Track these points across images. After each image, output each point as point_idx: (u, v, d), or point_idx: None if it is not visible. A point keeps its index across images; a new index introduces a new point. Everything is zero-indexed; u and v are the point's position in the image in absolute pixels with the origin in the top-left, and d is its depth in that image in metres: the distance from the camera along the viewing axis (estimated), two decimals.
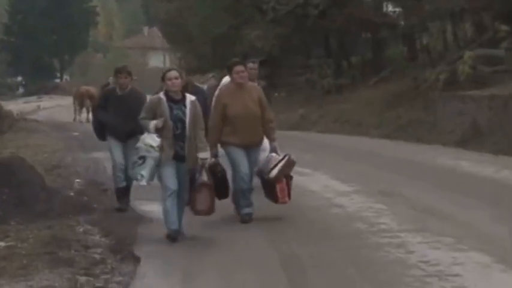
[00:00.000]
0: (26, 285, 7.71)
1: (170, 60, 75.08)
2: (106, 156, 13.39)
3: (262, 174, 10.39)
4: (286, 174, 10.27)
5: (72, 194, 13.74)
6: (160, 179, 9.42)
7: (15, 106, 41.46)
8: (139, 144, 9.31)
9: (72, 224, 10.68)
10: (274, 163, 10.19)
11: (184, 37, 43.97)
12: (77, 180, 15.20)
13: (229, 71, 10.53)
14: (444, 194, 12.13)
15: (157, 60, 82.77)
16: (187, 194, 9.56)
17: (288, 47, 32.50)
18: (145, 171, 9.22)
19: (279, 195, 10.16)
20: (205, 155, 9.54)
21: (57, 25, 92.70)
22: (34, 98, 63.62)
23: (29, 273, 8.11)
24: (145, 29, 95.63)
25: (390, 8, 34.86)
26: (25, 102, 50.24)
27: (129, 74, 11.70)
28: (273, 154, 10.34)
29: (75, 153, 21.35)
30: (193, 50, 41.80)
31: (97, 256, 8.79)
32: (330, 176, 13.30)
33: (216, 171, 10.03)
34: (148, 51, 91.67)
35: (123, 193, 11.63)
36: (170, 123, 9.27)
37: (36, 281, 7.84)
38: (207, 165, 9.67)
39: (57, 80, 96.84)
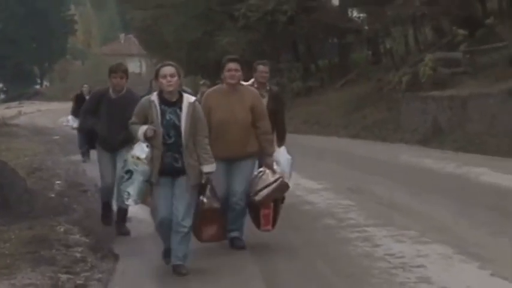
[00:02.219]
0: (9, 283, 7.62)
1: (147, 65, 75.27)
2: None
3: (251, 193, 8.27)
4: (275, 199, 8.32)
5: (53, 195, 13.63)
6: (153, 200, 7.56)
7: None
8: (127, 155, 7.38)
9: (53, 224, 10.54)
10: (265, 184, 8.15)
11: (159, 43, 44.07)
12: (58, 182, 15.09)
13: (222, 69, 8.31)
14: (408, 190, 12.21)
15: (134, 66, 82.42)
16: (190, 219, 7.38)
17: (259, 52, 32.43)
18: (132, 189, 7.23)
19: (262, 221, 8.24)
20: (210, 168, 7.36)
21: (37, 33, 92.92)
22: (15, 103, 63.28)
23: (12, 273, 8.01)
24: (122, 36, 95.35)
25: (355, 13, 35.06)
26: (6, 108, 49.95)
27: (125, 73, 9.36)
28: (267, 171, 8.30)
29: (55, 156, 21.28)
30: (169, 56, 41.69)
31: (78, 255, 8.71)
32: (301, 174, 13.27)
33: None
34: (125, 58, 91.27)
35: (122, 216, 9.72)
36: (161, 130, 7.19)
37: (19, 279, 7.74)
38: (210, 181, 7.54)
39: (38, 86, 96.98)
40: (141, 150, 7.18)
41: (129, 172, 7.18)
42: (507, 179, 12.85)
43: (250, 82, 9.60)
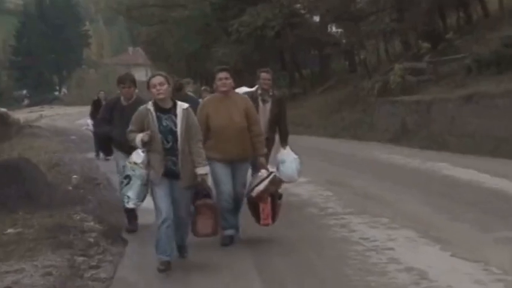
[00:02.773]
0: (32, 264, 7.67)
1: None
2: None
3: (247, 191, 7.87)
4: (272, 194, 7.74)
5: (70, 188, 13.65)
6: (154, 201, 7.07)
7: (21, 115, 41.18)
8: (126, 162, 7.02)
9: (70, 213, 10.58)
10: (260, 180, 7.70)
11: (163, 55, 44.08)
12: (74, 176, 15.08)
13: (213, 78, 7.94)
14: (380, 182, 12.24)
15: (141, 75, 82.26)
16: (187, 215, 7.15)
17: (250, 62, 32.41)
18: (131, 193, 6.85)
19: (262, 215, 7.68)
20: (204, 170, 7.01)
21: (56, 46, 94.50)
22: (37, 108, 63.06)
23: (35, 255, 8.08)
24: (130, 49, 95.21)
25: (334, 29, 35.03)
26: (29, 112, 49.79)
27: (133, 82, 9.02)
28: (262, 170, 7.80)
29: (72, 153, 21.22)
30: (171, 65, 41.76)
31: (91, 239, 8.74)
32: None
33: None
34: (133, 67, 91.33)
35: (131, 213, 9.19)
36: (159, 136, 6.78)
37: (41, 261, 7.79)
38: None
39: (56, 93, 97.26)
40: (137, 155, 6.81)
41: (128, 177, 6.81)
42: (465, 172, 12.93)
43: (254, 88, 9.25)
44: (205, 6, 36.13)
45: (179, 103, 6.89)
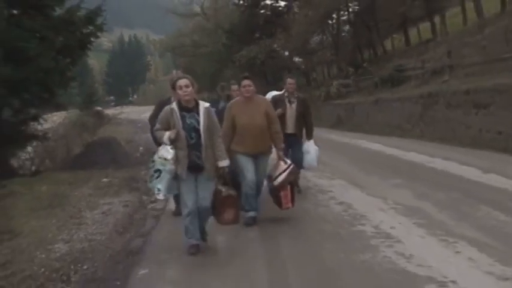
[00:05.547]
0: (117, 200, 7.80)
1: None
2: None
3: (268, 180, 6.10)
4: (290, 181, 5.98)
5: (138, 155, 13.79)
6: (181, 195, 5.08)
7: (109, 111, 41.39)
8: (155, 157, 5.04)
9: (139, 170, 10.71)
10: (280, 171, 5.96)
11: (194, 75, 43.85)
12: (141, 147, 15.21)
13: (239, 85, 6.20)
14: (323, 151, 11.78)
15: None
16: (209, 204, 5.09)
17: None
18: (161, 185, 4.99)
19: (283, 200, 5.94)
20: (225, 163, 5.04)
21: (131, 70, 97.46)
22: (119, 107, 62.95)
23: (118, 194, 8.23)
24: (174, 71, 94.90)
25: (297, 59, 35.07)
26: (115, 110, 49.86)
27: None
28: (281, 162, 6.01)
29: (139, 134, 21.31)
30: (199, 81, 41.85)
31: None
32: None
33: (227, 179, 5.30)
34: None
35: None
36: (183, 133, 4.91)
37: (122, 198, 7.94)
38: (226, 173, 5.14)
39: (130, 98, 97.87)
40: (167, 152, 4.94)
41: (158, 171, 4.94)
42: (374, 145, 13.07)
43: (282, 92, 7.49)
44: (220, 46, 36.61)
45: (201, 102, 5.03)
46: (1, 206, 7.66)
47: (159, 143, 5.10)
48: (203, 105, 4.99)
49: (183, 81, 4.95)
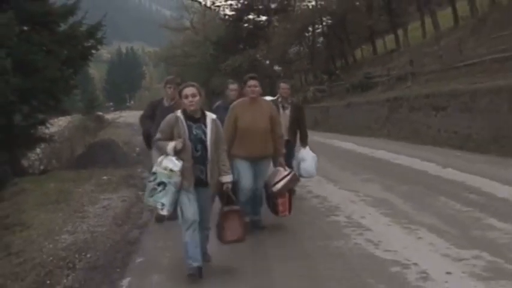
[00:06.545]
0: (116, 195, 7.73)
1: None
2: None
3: (266, 187, 5.11)
4: (289, 189, 5.13)
5: (135, 155, 13.66)
6: (179, 207, 3.90)
7: (109, 116, 41.06)
8: (157, 168, 3.86)
9: (136, 168, 10.65)
10: (280, 178, 5.05)
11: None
12: (137, 148, 15.05)
13: (244, 85, 5.18)
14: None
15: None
16: (209, 223, 4.14)
17: None
18: (166, 199, 3.82)
19: (280, 208, 5.08)
20: (228, 178, 4.06)
21: (127, 79, 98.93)
22: (117, 112, 62.50)
23: (117, 191, 8.14)
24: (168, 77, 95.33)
25: (277, 67, 35.19)
26: (114, 114, 49.51)
27: (178, 85, 5.14)
28: (280, 168, 5.09)
29: (135, 136, 21.04)
30: None
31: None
32: None
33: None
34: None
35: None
36: (189, 144, 3.89)
37: (120, 194, 7.86)
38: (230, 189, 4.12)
39: (127, 104, 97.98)
40: (173, 163, 3.84)
41: (162, 184, 3.81)
42: (346, 144, 13.15)
43: (275, 97, 6.39)
44: (208, 56, 36.35)
45: (208, 113, 4.07)
46: (14, 202, 7.69)
47: (150, 145, 4.33)
48: (210, 116, 4.04)
49: (189, 90, 3.99)
